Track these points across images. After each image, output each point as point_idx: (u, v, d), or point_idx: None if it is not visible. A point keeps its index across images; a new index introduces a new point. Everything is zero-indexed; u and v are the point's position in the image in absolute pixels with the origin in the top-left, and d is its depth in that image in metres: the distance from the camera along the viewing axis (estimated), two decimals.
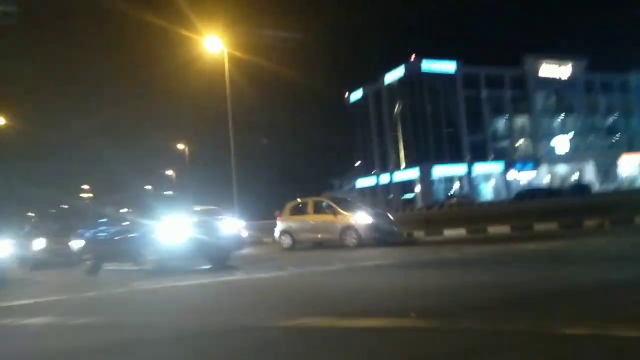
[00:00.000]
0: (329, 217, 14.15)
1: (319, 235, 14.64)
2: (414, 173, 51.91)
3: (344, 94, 64.34)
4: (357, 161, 64.15)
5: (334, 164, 71.50)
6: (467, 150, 53.03)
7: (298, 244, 15.03)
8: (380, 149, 58.27)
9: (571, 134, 61.11)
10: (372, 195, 57.42)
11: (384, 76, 55.73)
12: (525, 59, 57.18)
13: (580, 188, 46.65)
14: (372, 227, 13.44)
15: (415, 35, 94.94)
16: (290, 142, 65.92)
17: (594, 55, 61.62)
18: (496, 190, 54.68)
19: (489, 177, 55.70)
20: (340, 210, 14.10)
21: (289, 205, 15.85)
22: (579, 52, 60.39)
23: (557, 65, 59.40)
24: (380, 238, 13.45)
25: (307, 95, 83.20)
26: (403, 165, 54.30)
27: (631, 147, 65.95)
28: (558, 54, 58.96)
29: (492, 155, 54.88)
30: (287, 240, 15.25)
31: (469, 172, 52.69)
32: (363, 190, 62.89)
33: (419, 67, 50.91)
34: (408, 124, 52.64)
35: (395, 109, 55.19)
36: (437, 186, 51.66)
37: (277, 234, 15.72)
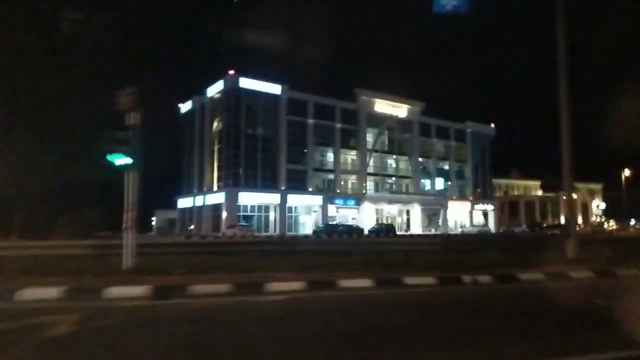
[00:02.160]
0: None
1: None
2: (221, 197, 47.44)
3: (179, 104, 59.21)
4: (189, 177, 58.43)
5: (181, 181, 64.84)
6: (284, 179, 49.88)
7: None
8: (199, 167, 53.39)
9: (398, 176, 61.44)
10: (198, 217, 52.11)
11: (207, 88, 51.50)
12: (358, 94, 56.40)
13: (387, 229, 45.59)
14: None
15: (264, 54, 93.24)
16: None
17: (429, 101, 62.98)
18: (314, 224, 52.11)
19: (309, 209, 53.03)
20: None
21: None
22: (414, 96, 61.65)
23: (392, 105, 59.53)
24: None
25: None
26: (215, 187, 49.76)
27: (462, 195, 68.15)
28: (393, 95, 59.30)
29: (312, 188, 52.36)
30: None
31: (283, 202, 49.40)
32: (184, 211, 57.31)
33: (237, 83, 47.21)
34: (224, 143, 48.40)
35: (214, 126, 50.91)
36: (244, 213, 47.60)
37: None
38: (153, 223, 65.99)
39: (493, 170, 73.84)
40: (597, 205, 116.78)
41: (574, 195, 77.51)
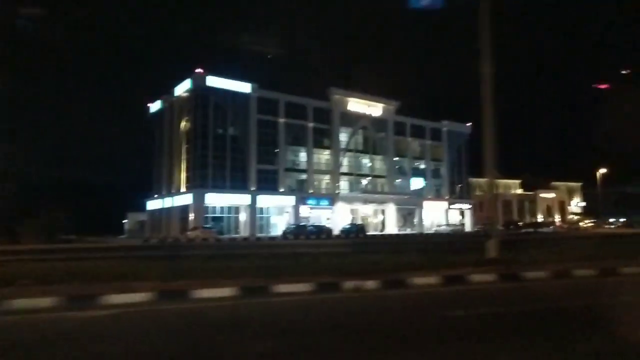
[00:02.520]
0: None
1: None
2: (188, 199, 46.26)
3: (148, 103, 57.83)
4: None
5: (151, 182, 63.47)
6: (254, 180, 48.88)
7: None
8: (168, 168, 52.10)
9: (373, 175, 60.90)
10: (167, 219, 50.76)
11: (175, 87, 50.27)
12: (331, 92, 55.68)
13: (357, 229, 44.94)
14: None
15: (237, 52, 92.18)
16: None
17: (404, 99, 62.56)
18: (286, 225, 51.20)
19: (281, 210, 52.12)
20: None
21: None
22: (389, 95, 61.15)
23: (366, 104, 58.94)
24: None
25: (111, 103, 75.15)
26: (183, 188, 48.57)
27: (438, 194, 67.87)
28: (367, 93, 58.72)
29: (283, 188, 51.45)
30: None
31: (253, 203, 48.40)
32: (153, 213, 55.97)
33: (204, 81, 46.09)
34: (192, 144, 47.25)
35: (181, 126, 49.71)
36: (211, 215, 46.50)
37: None
38: (125, 226, 64.54)
39: (470, 169, 73.79)
40: (577, 203, 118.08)
41: (551, 195, 78.30)
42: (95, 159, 59.75)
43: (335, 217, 54.44)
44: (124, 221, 65.34)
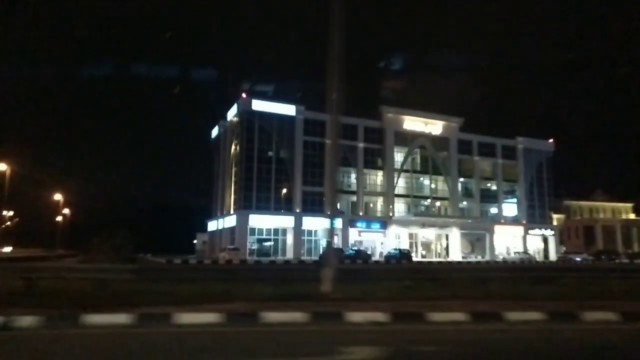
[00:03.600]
0: None
1: None
2: (234, 220, 47.13)
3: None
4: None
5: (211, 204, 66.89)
6: (299, 201, 48.34)
7: None
8: (222, 190, 53.90)
9: (433, 197, 56.74)
10: (219, 240, 52.49)
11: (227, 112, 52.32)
12: (383, 111, 53.64)
13: (402, 255, 42.12)
14: None
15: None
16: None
17: (470, 116, 58.15)
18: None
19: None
20: None
21: None
22: (452, 112, 57.36)
23: (424, 122, 55.71)
24: None
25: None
26: (232, 210, 49.68)
27: (514, 218, 61.27)
28: (425, 111, 55.61)
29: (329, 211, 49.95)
30: None
31: (298, 225, 47.72)
32: (213, 233, 58.03)
33: (250, 105, 47.21)
34: (238, 167, 48.40)
35: (232, 150, 51.24)
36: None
37: None
38: (195, 246, 67.98)
39: (555, 190, 65.67)
40: None
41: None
42: (171, 184, 64.24)
43: (388, 242, 51.56)
44: (194, 241, 68.92)
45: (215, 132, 59.24)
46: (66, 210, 65.01)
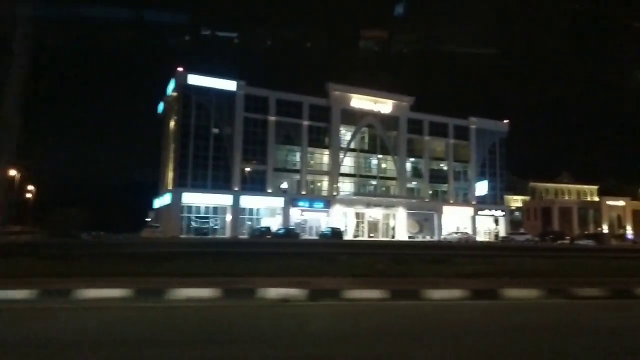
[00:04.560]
0: None
1: None
2: (169, 198, 46.19)
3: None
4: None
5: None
6: (238, 179, 47.48)
7: None
8: (164, 168, 52.77)
9: (381, 177, 56.30)
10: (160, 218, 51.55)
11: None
12: (330, 88, 52.53)
13: (333, 234, 41.75)
14: None
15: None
16: None
17: (424, 96, 57.26)
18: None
19: (274, 212, 50.04)
20: None
21: None
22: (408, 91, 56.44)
23: (372, 101, 54.78)
24: None
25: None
26: (170, 187, 48.67)
27: (464, 198, 61.23)
28: (374, 89, 54.56)
29: (272, 189, 49.36)
30: None
31: (236, 204, 46.97)
32: (157, 211, 57.03)
33: (185, 79, 45.76)
34: (175, 143, 47.23)
35: (171, 125, 49.94)
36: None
37: None
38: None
39: (511, 171, 65.70)
40: None
41: (620, 203, 67.68)
42: (131, 160, 62.78)
43: (333, 221, 51.15)
44: (147, 219, 68.05)
45: (161, 106, 57.69)
46: (31, 187, 63.36)
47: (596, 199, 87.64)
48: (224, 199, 46.68)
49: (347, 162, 54.70)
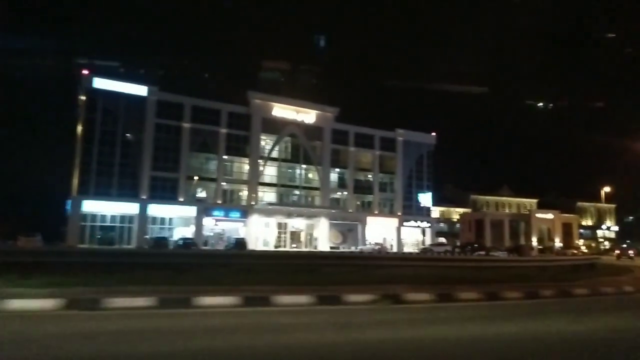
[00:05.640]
0: None
1: None
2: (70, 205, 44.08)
3: None
4: None
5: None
6: (146, 187, 45.85)
7: None
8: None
9: (304, 187, 55.84)
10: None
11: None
12: (251, 96, 51.87)
13: (237, 244, 40.68)
14: None
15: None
16: None
17: (345, 107, 57.43)
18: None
19: (188, 221, 48.53)
20: None
21: None
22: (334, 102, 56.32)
23: (295, 111, 54.42)
24: None
25: None
26: (75, 194, 46.48)
27: (391, 209, 61.41)
28: (298, 99, 54.24)
29: (184, 197, 47.92)
30: None
31: (143, 212, 45.28)
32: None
33: (91, 83, 44.07)
34: (79, 148, 45.26)
35: (78, 129, 47.95)
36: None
37: None
38: None
39: (436, 183, 66.55)
40: (608, 227, 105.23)
41: (549, 216, 69.27)
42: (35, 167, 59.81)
43: (252, 231, 50.13)
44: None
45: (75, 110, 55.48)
46: None
47: (539, 214, 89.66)
48: (130, 208, 44.92)
49: (270, 172, 53.96)
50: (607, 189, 79.58)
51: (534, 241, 77.48)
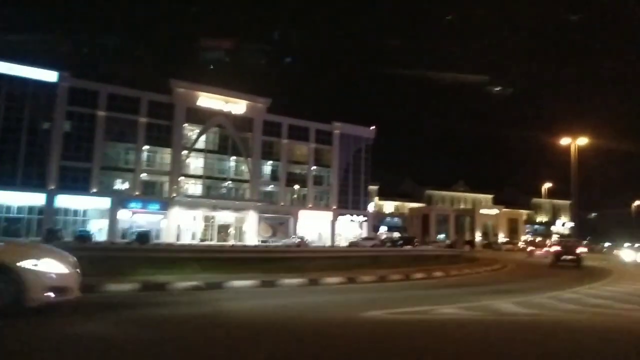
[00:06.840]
0: None
1: None
2: None
3: None
4: None
5: None
6: (55, 177, 43.97)
7: None
8: None
9: (233, 179, 54.63)
10: None
11: None
12: (174, 85, 50.28)
13: (139, 237, 39.12)
14: None
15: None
16: None
17: (283, 98, 56.18)
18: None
19: (104, 213, 46.80)
20: None
21: None
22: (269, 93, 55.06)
23: (223, 101, 53.01)
24: None
25: None
26: None
27: (326, 203, 60.61)
28: (227, 89, 52.81)
29: (97, 188, 46.19)
30: None
31: (50, 203, 43.42)
32: None
33: None
34: None
35: None
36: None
37: None
38: None
39: (373, 177, 66.05)
40: (563, 224, 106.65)
41: (494, 211, 69.54)
42: None
43: (172, 224, 48.73)
44: None
45: None
46: None
47: (495, 208, 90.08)
48: (36, 198, 43.02)
49: (197, 163, 52.57)
50: (548, 184, 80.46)
51: (478, 236, 78.08)
